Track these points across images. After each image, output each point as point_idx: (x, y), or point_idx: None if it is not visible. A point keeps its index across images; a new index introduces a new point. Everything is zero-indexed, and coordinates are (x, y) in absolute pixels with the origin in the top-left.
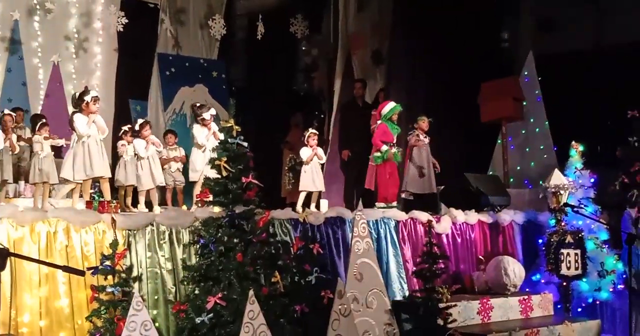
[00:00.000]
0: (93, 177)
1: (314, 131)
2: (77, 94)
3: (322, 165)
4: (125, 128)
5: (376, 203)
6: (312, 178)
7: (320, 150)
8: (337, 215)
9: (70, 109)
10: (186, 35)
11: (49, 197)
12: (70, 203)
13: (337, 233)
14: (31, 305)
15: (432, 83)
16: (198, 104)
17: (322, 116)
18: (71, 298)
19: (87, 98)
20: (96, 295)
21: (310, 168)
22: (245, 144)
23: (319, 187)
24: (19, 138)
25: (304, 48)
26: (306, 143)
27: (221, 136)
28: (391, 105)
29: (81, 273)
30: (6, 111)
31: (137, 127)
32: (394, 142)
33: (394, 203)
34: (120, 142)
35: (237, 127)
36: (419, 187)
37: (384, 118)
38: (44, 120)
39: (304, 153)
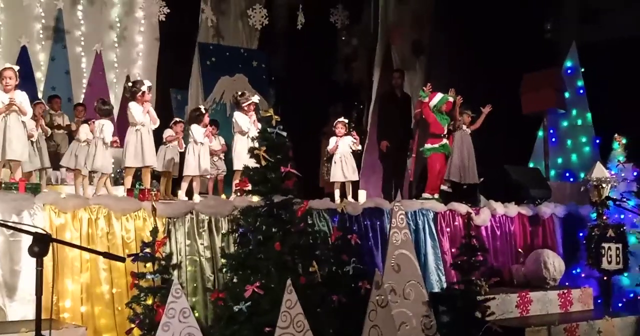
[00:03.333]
0: (144, 166)
1: (342, 120)
2: (131, 83)
3: (360, 153)
4: (177, 119)
5: (423, 194)
6: (340, 169)
7: (346, 139)
8: (375, 205)
9: (112, 98)
10: (227, 24)
11: (90, 184)
12: (112, 190)
13: (375, 224)
14: (72, 291)
15: (472, 74)
16: (239, 92)
17: (361, 106)
18: (111, 285)
19: (144, 88)
20: (136, 282)
21: (339, 158)
22: (285, 134)
23: (349, 177)
24: (58, 126)
25: (343, 38)
26: (334, 132)
27: (259, 125)
28: (439, 96)
29: (122, 259)
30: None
31: (202, 111)
32: (445, 133)
33: (436, 195)
34: (167, 130)
35: (276, 117)
36: (462, 177)
37: (433, 109)
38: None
39: (330, 143)
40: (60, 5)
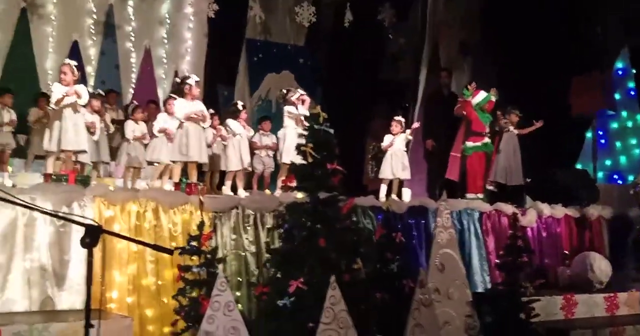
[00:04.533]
0: (188, 161)
1: (398, 118)
2: (180, 79)
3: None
4: (210, 111)
5: (467, 194)
6: (390, 166)
7: (401, 137)
8: (420, 204)
9: (161, 93)
10: (274, 21)
11: (139, 178)
12: (159, 184)
13: (420, 223)
14: (120, 282)
15: (519, 75)
16: (285, 90)
17: (407, 105)
18: (158, 277)
19: (191, 81)
20: (182, 275)
21: (390, 155)
22: (332, 131)
23: (398, 175)
24: (112, 120)
25: (390, 36)
26: (390, 130)
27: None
28: (483, 94)
29: (170, 252)
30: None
31: (239, 107)
32: (487, 131)
33: (480, 195)
34: (207, 130)
35: (324, 114)
36: (507, 178)
37: (475, 107)
38: (137, 104)
39: (385, 140)
40: (111, 0)
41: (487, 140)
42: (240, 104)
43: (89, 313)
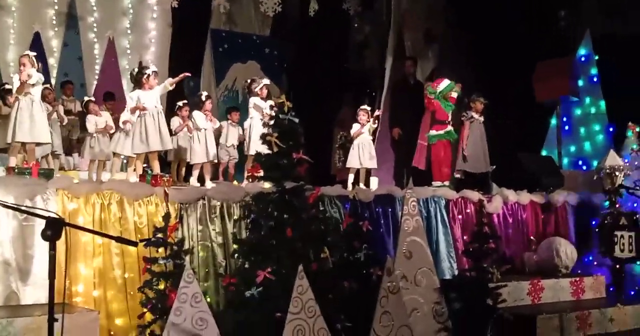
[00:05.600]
0: (149, 152)
1: (364, 107)
2: (136, 69)
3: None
4: (180, 103)
5: (433, 182)
6: (358, 156)
7: (367, 126)
8: (387, 192)
9: (125, 84)
10: (239, 11)
11: (103, 170)
12: (124, 176)
13: (387, 211)
14: (85, 275)
15: (485, 62)
16: (249, 80)
17: (373, 94)
18: (124, 270)
19: (148, 71)
20: (148, 267)
21: (357, 145)
22: (297, 120)
23: (365, 164)
24: (69, 112)
25: (356, 25)
26: (357, 119)
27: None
28: (446, 82)
29: (134, 244)
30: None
31: (203, 98)
32: (449, 119)
33: (447, 183)
34: (174, 119)
35: (288, 103)
36: (474, 166)
37: (438, 95)
38: (90, 98)
39: (353, 129)
40: None
41: (449, 128)
42: (204, 95)
43: (53, 308)
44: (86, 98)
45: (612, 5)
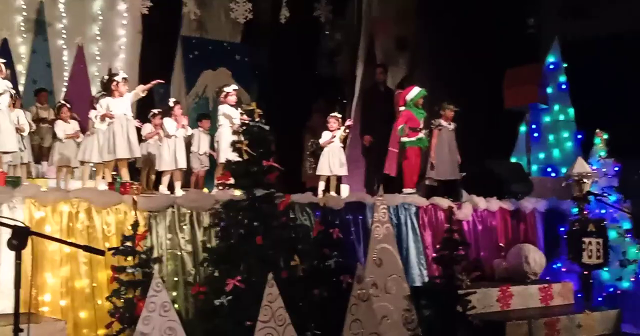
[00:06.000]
0: (116, 159)
1: (335, 114)
2: (107, 77)
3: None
4: (155, 111)
5: (404, 189)
6: (328, 163)
7: (338, 134)
8: (357, 200)
9: (94, 91)
10: (210, 18)
11: (71, 178)
12: (93, 184)
13: (357, 218)
14: (52, 285)
15: (455, 69)
16: (219, 88)
17: (344, 101)
18: (92, 279)
19: (118, 78)
20: (116, 276)
21: (327, 152)
22: (267, 127)
23: (335, 172)
24: (43, 119)
25: (327, 32)
26: (328, 126)
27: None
28: (416, 90)
29: (102, 253)
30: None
31: (171, 104)
32: (420, 127)
33: (412, 190)
34: (146, 125)
35: (259, 111)
36: (444, 174)
37: (409, 103)
38: (63, 102)
39: (324, 136)
40: None
41: (421, 135)
42: (172, 101)
43: (18, 317)
44: (62, 102)
45: (575, 6)
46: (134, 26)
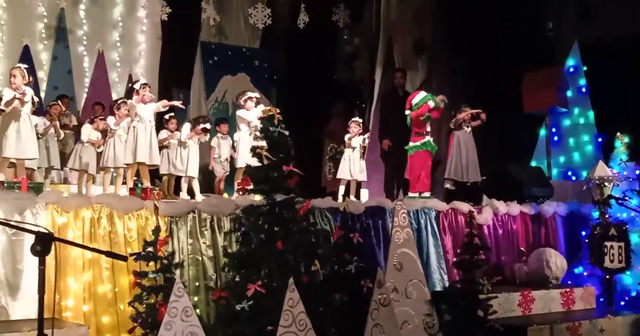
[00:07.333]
0: (137, 163)
1: (356, 119)
2: (131, 84)
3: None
4: (166, 117)
5: (409, 193)
6: (348, 167)
7: (357, 139)
8: (377, 204)
9: (115, 96)
10: (229, 24)
11: (94, 184)
12: (113, 189)
13: (377, 223)
14: (75, 290)
15: (474, 72)
16: (238, 93)
17: (363, 105)
18: (114, 284)
19: (136, 85)
20: (138, 281)
21: (347, 156)
22: (287, 133)
23: (356, 176)
24: (65, 126)
25: (345, 37)
26: (349, 131)
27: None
28: (422, 94)
29: (124, 258)
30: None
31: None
32: (427, 130)
33: (427, 194)
34: (163, 131)
35: (278, 116)
36: (463, 176)
37: (415, 109)
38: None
39: (347, 139)
40: (62, 4)
41: (427, 139)
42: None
43: (42, 323)
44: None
45: (593, 10)
46: (154, 32)
